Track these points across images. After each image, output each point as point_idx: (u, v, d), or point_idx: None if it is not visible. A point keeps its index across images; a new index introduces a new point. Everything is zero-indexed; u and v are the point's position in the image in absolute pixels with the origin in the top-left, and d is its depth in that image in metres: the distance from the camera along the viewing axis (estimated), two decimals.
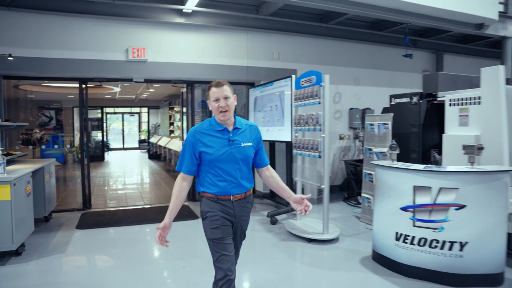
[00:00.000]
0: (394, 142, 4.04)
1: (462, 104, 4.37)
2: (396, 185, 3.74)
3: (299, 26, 7.22)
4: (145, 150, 19.13)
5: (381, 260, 3.97)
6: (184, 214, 6.04)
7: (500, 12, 7.56)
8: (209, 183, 2.37)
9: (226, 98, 2.32)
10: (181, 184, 2.40)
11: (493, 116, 3.96)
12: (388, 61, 8.37)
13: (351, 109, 7.78)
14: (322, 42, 7.69)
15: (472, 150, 3.45)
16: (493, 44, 9.23)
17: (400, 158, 5.13)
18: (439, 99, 4.98)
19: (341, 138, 7.62)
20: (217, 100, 2.32)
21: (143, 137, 21.54)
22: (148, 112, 20.60)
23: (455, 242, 3.42)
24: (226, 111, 2.32)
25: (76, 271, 3.96)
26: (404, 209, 3.66)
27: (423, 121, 5.06)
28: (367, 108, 7.86)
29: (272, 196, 6.81)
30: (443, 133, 4.64)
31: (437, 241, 3.49)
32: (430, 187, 3.48)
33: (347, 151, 7.80)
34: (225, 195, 2.37)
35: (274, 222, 5.61)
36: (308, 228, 5.03)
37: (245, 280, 3.72)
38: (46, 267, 4.03)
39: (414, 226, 3.60)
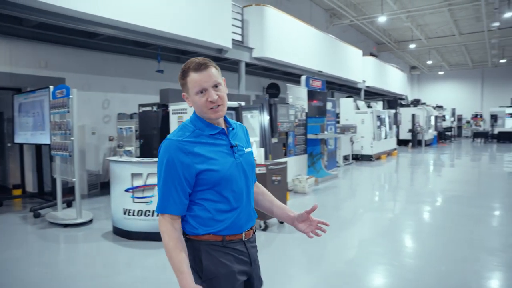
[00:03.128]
0: (121, 142, 5.37)
1: (179, 113, 6.05)
2: (121, 173, 5.07)
3: (67, 39, 7.92)
4: None
5: (117, 231, 5.26)
6: None
7: (236, 41, 9.95)
8: (209, 218, 1.56)
9: (216, 86, 1.55)
10: (175, 230, 1.55)
11: None
12: (154, 73, 9.73)
13: (119, 114, 8.93)
14: (92, 54, 8.59)
15: None
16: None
17: (147, 154, 6.57)
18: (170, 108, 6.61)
19: (110, 140, 8.69)
20: (202, 91, 1.53)
21: None
22: None
23: None
24: (220, 105, 1.55)
25: None
26: (127, 190, 5.03)
27: (160, 125, 6.62)
28: (122, 113, 8.97)
29: (41, 194, 7.37)
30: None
31: (149, 211, 4.97)
32: (141, 173, 4.94)
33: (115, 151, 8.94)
34: (235, 234, 1.58)
35: (37, 215, 6.28)
36: (66, 217, 5.94)
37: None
38: None
39: (134, 202, 5.01)
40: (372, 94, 22.02)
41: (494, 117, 26.24)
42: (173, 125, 6.11)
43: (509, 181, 10.19)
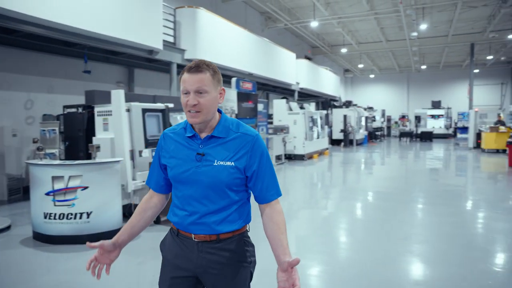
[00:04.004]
0: (41, 145, 5.25)
1: (104, 115, 6.01)
2: (41, 177, 4.96)
3: None
4: None
5: (38, 237, 5.11)
6: None
7: (168, 42, 9.96)
8: (172, 209, 1.72)
9: (200, 92, 1.55)
10: (148, 201, 1.77)
11: (118, 124, 5.72)
12: (81, 73, 9.46)
13: (44, 115, 8.58)
14: (11, 51, 8.17)
15: (93, 149, 5.04)
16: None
17: (72, 156, 6.42)
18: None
19: (34, 142, 8.32)
20: (186, 93, 1.57)
21: None
22: None
23: (83, 212, 4.93)
24: (198, 112, 1.56)
25: None
26: (48, 194, 4.93)
27: (86, 126, 6.52)
28: (48, 115, 8.59)
29: None
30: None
31: (71, 214, 4.91)
32: (63, 176, 4.87)
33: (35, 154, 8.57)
34: (185, 231, 1.66)
35: None
36: None
37: None
38: None
39: (55, 205, 4.91)
40: (306, 96, 22.88)
41: (417, 118, 28.41)
42: (99, 127, 6.05)
43: (430, 176, 11.21)
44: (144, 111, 6.06)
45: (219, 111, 1.69)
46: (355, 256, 4.69)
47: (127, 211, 5.69)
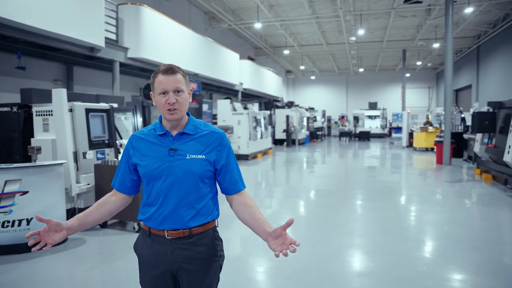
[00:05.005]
0: None
1: (44, 115, 5.70)
2: None
3: None
4: None
5: None
6: None
7: (110, 39, 9.62)
8: (143, 208, 1.79)
9: (177, 91, 1.71)
10: (109, 197, 1.86)
11: (61, 124, 5.46)
12: (14, 69, 8.87)
13: None
14: None
15: (33, 151, 4.77)
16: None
17: (6, 160, 6.00)
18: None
19: None
20: (164, 93, 1.70)
21: None
22: None
23: (23, 219, 4.64)
24: (176, 109, 1.71)
25: None
26: None
27: (22, 127, 6.12)
28: None
29: None
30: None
31: (9, 221, 4.61)
32: None
33: None
34: (157, 229, 1.74)
35: None
36: None
37: None
38: None
39: None
40: (249, 96, 23.14)
41: (356, 118, 29.84)
42: (38, 128, 5.72)
43: (369, 174, 11.84)
44: (88, 111, 5.83)
45: (187, 113, 1.83)
46: (300, 251, 4.80)
47: (71, 216, 5.44)
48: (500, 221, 6.34)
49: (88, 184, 5.64)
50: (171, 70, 1.70)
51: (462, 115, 15.72)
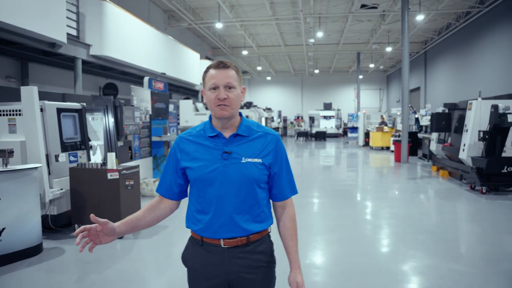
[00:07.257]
0: None
1: (11, 115, 5.27)
2: None
3: None
4: None
5: None
6: None
7: (72, 35, 9.12)
8: (193, 216, 1.67)
9: (229, 87, 1.60)
10: (158, 203, 1.73)
11: (32, 125, 5.09)
12: None
13: None
14: None
15: (4, 154, 4.40)
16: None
17: None
18: None
19: None
20: (215, 88, 1.59)
21: None
22: None
23: None
24: (227, 105, 1.59)
25: None
26: None
27: None
28: None
29: None
30: None
31: None
32: None
33: None
34: (212, 238, 1.63)
35: None
36: None
37: None
38: None
39: None
40: None
41: (311, 119, 30.49)
42: (3, 128, 5.28)
43: (327, 173, 12.11)
44: (60, 110, 5.48)
45: (239, 114, 1.73)
46: None
47: (43, 224, 5.07)
48: (460, 212, 6.78)
49: (62, 189, 5.29)
50: (223, 64, 1.61)
51: (416, 116, 16.55)
